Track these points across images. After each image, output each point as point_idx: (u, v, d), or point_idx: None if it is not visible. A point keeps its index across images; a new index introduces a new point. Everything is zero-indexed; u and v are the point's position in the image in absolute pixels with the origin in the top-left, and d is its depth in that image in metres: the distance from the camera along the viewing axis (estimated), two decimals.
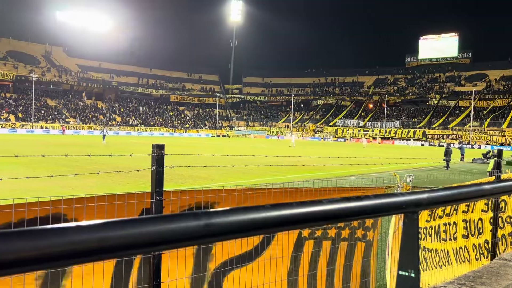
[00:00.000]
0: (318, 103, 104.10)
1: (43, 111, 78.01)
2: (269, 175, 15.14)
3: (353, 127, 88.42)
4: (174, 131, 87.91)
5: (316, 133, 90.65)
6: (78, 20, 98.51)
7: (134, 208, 2.58)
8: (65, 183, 11.57)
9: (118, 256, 0.75)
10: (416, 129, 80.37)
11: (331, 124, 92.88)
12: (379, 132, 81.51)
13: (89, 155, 6.35)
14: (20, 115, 73.74)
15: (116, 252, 0.74)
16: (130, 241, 0.72)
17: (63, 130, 69.77)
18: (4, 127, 67.35)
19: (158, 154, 2.44)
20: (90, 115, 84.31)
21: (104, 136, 43.63)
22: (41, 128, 71.04)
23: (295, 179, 14.31)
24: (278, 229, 0.98)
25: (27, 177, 3.29)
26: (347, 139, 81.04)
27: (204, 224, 0.80)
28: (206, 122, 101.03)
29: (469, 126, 73.84)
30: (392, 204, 1.25)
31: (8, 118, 71.72)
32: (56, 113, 79.91)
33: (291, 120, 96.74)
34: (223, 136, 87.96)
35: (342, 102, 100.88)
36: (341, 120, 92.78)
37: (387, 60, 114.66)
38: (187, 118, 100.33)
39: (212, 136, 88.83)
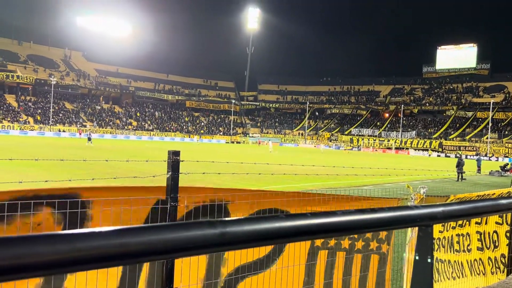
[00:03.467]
0: (333, 111, 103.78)
1: (61, 114, 79.31)
2: (282, 183, 15.13)
3: (368, 136, 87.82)
4: (189, 137, 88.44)
5: (330, 141, 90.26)
6: (97, 26, 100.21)
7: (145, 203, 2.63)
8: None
9: (136, 262, 0.77)
10: (432, 140, 79.44)
11: (346, 133, 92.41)
12: (395, 142, 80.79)
13: (107, 160, 6.45)
14: (38, 118, 75.09)
15: (135, 258, 0.76)
16: (149, 248, 0.73)
17: (80, 134, 70.77)
18: (23, 129, 68.64)
19: (174, 160, 2.48)
20: (107, 119, 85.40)
21: (89, 138, 44.79)
22: (59, 131, 72.18)
23: (308, 187, 14.27)
24: (292, 240, 0.99)
25: (46, 181, 3.36)
26: (353, 148, 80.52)
27: (219, 233, 0.81)
28: (220, 128, 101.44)
29: (487, 138, 72.70)
30: (407, 217, 1.25)
31: (27, 120, 73.08)
32: (73, 116, 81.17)
33: (306, 128, 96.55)
34: (255, 143, 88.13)
35: (358, 111, 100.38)
36: (357, 129, 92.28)
37: (404, 70, 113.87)
38: (202, 124, 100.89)
39: (226, 143, 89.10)
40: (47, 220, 2.35)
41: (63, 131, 72.30)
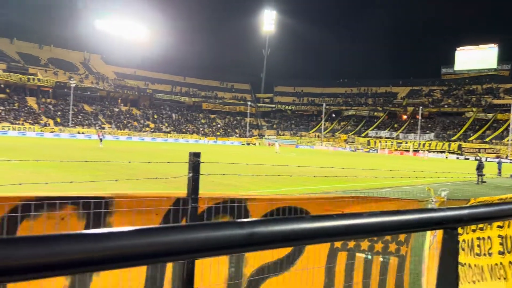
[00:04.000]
0: (350, 113, 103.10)
1: (80, 117, 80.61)
2: (299, 185, 15.11)
3: (385, 138, 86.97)
4: (205, 139, 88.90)
5: (347, 143, 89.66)
6: (116, 29, 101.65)
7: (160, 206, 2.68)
8: (105, 187, 11.92)
9: (164, 261, 0.78)
10: (451, 142, 78.24)
11: (363, 135, 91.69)
12: (413, 144, 79.82)
13: (129, 162, 6.55)
14: (58, 120, 76.44)
15: (162, 258, 0.76)
16: (176, 247, 0.74)
17: (98, 136, 71.71)
18: (43, 131, 69.99)
19: (195, 161, 2.52)
20: (125, 121, 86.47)
21: (101, 139, 45.69)
22: (78, 133, 73.35)
23: (326, 189, 14.23)
24: (318, 241, 1.01)
25: (71, 182, 3.44)
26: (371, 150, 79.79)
27: (247, 233, 0.82)
28: (236, 130, 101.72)
29: (508, 140, 71.24)
30: (432, 219, 1.26)
31: (47, 122, 74.47)
32: (92, 118, 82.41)
33: (322, 130, 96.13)
34: (272, 146, 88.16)
35: (375, 113, 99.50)
36: (374, 131, 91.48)
37: (422, 71, 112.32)
38: (218, 126, 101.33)
39: (242, 144, 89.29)
40: (71, 217, 2.41)
41: (82, 133, 73.43)
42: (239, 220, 0.91)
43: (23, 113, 74.12)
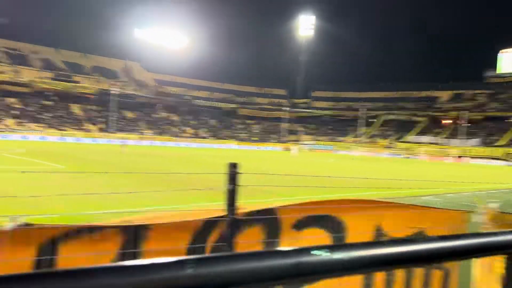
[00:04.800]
0: (389, 118, 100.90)
1: (122, 123, 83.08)
2: (337, 192, 14.87)
3: (427, 143, 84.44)
4: (242, 144, 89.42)
5: (386, 149, 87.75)
6: (155, 37, 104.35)
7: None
8: (151, 196, 12.18)
9: None
10: (496, 148, 74.98)
11: (403, 140, 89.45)
12: (456, 150, 77.07)
13: (185, 173, 6.64)
14: (101, 126, 79.08)
15: None
16: (216, 280, 0.69)
17: (122, 141, 73.85)
18: (87, 137, 72.65)
19: (233, 172, 2.51)
20: (164, 127, 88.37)
21: (124, 145, 46.32)
22: (119, 139, 75.55)
23: (362, 197, 13.94)
24: (363, 271, 1.00)
25: (115, 192, 3.50)
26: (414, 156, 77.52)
27: (292, 263, 0.77)
28: (273, 136, 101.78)
29: None
30: (494, 244, 1.15)
31: (91, 128, 77.19)
32: (133, 124, 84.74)
33: (360, 135, 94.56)
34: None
35: (415, 118, 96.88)
36: (414, 136, 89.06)
37: (464, 75, 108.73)
38: (255, 131, 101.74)
39: (279, 150, 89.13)
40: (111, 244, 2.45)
41: (124, 138, 75.59)
42: (283, 249, 0.82)
43: (68, 119, 77.20)
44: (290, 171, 23.56)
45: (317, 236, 3.23)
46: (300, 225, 3.21)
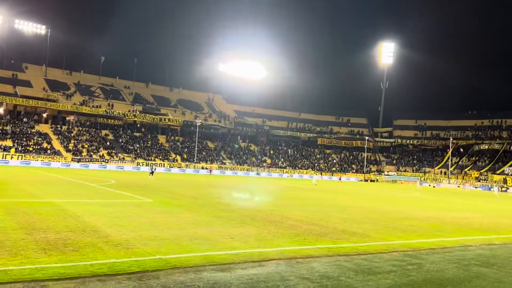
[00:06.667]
0: (481, 147, 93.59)
1: (204, 153, 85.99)
2: (431, 236, 13.62)
3: None
4: (321, 174, 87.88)
5: (479, 181, 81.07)
6: (236, 70, 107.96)
7: None
8: (225, 231, 12.06)
9: None
10: None
11: (498, 172, 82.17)
12: None
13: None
14: (185, 156, 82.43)
15: None
16: None
17: (210, 171, 75.87)
18: (172, 167, 76.00)
19: None
20: (244, 157, 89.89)
21: (152, 172, 47.82)
22: (202, 168, 78.07)
23: (465, 242, 12.58)
24: None
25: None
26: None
27: None
28: (353, 165, 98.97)
29: None
30: None
31: (175, 158, 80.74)
32: (215, 154, 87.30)
33: (449, 166, 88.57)
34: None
35: (511, 148, 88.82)
36: (511, 168, 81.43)
37: None
38: (334, 161, 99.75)
39: (360, 181, 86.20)
40: None
41: (206, 168, 78.00)
42: None
43: (155, 149, 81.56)
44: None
45: None
46: None
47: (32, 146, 68.68)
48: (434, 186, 72.50)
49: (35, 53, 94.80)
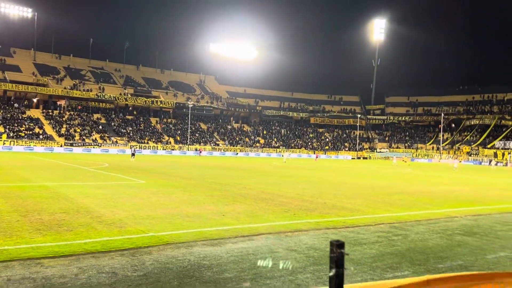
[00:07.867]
0: (472, 123, 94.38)
1: (197, 134, 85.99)
2: (419, 208, 13.97)
3: None
4: (314, 153, 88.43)
5: (470, 156, 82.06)
6: (227, 51, 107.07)
7: None
8: (217, 209, 12.30)
9: None
10: None
11: (488, 146, 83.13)
12: None
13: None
14: (178, 138, 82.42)
15: None
16: None
17: (200, 152, 75.92)
18: (165, 149, 76.03)
19: (338, 254, 2.01)
20: (237, 138, 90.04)
21: (133, 154, 47.48)
22: (194, 150, 78.17)
23: (451, 213, 12.93)
24: None
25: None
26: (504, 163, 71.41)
27: None
28: (346, 144, 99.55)
29: None
30: None
31: (169, 141, 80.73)
32: (208, 136, 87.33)
33: (441, 142, 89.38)
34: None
35: (502, 122, 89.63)
36: (501, 142, 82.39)
37: None
38: (327, 140, 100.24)
39: (352, 158, 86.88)
40: None
41: (196, 149, 78.14)
42: None
43: (147, 132, 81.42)
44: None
45: None
46: None
47: (24, 131, 68.31)
48: (405, 161, 72.94)
49: (22, 37, 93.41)
